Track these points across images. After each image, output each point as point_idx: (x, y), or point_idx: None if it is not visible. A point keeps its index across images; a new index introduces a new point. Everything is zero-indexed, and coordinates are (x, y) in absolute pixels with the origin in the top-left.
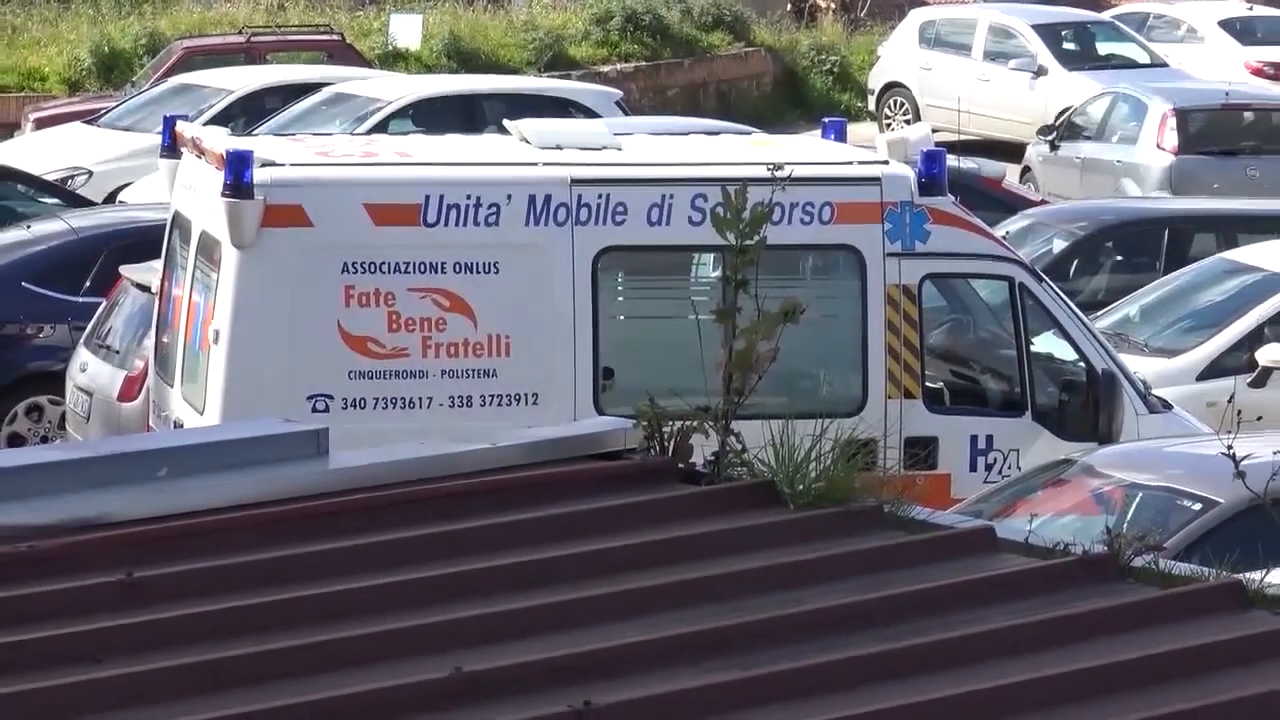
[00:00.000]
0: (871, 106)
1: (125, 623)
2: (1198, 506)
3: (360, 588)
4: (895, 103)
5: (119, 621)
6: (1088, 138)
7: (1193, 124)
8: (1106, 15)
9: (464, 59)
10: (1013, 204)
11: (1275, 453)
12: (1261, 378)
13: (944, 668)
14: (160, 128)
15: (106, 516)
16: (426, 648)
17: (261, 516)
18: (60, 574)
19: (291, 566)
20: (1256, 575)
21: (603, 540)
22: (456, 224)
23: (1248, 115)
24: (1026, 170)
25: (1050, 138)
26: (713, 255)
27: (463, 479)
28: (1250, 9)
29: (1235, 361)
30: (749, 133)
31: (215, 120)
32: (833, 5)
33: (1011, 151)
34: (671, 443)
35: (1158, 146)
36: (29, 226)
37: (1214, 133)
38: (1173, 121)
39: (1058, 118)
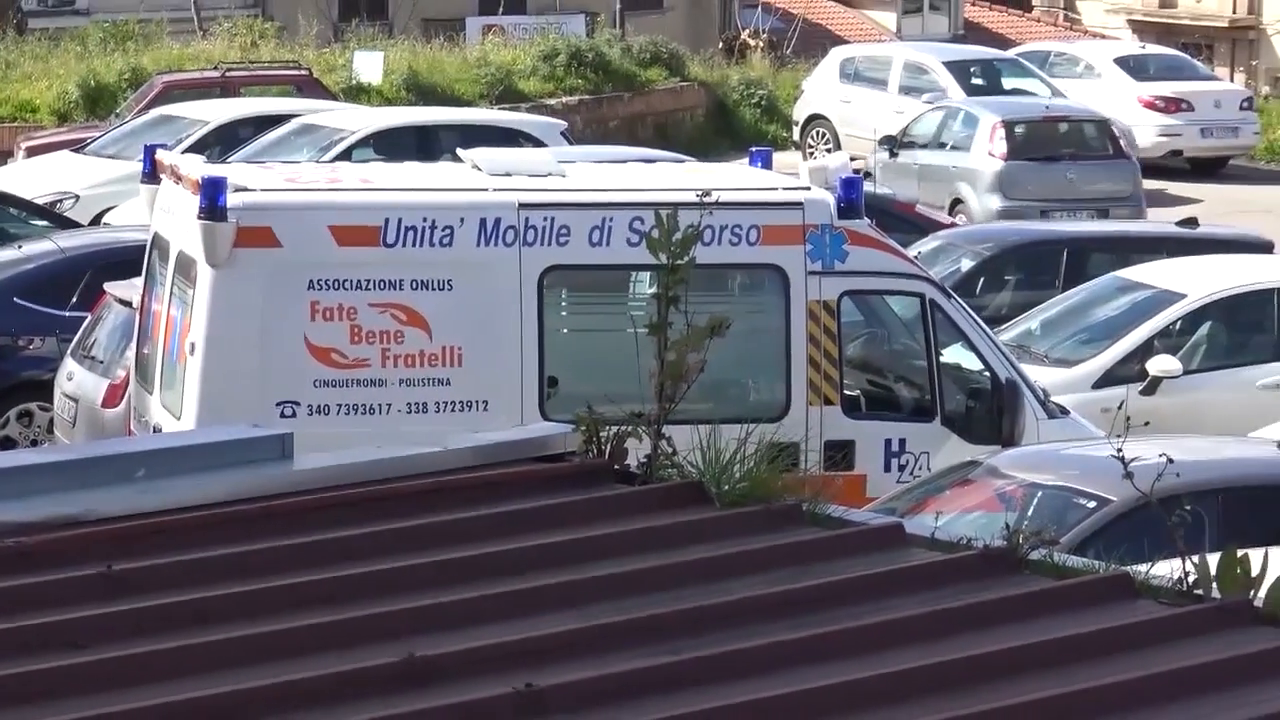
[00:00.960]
0: (796, 137)
1: (105, 611)
2: (1091, 504)
3: (321, 579)
4: (818, 133)
5: (100, 610)
6: (923, 146)
7: (1018, 134)
8: (1011, 53)
9: (421, 92)
10: (924, 226)
11: (1162, 455)
12: (1151, 386)
13: (856, 653)
14: (142, 156)
15: (90, 514)
16: (382, 634)
17: (231, 514)
18: (46, 567)
19: (258, 560)
20: (1143, 567)
21: (544, 536)
22: (413, 244)
23: (1064, 126)
24: (868, 175)
25: (890, 147)
26: (648, 273)
27: (417, 480)
28: (1143, 48)
29: (1127, 371)
30: (683, 161)
31: (192, 149)
32: (761, 43)
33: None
34: (608, 446)
35: (989, 154)
36: (20, 246)
37: (1036, 141)
38: (1001, 132)
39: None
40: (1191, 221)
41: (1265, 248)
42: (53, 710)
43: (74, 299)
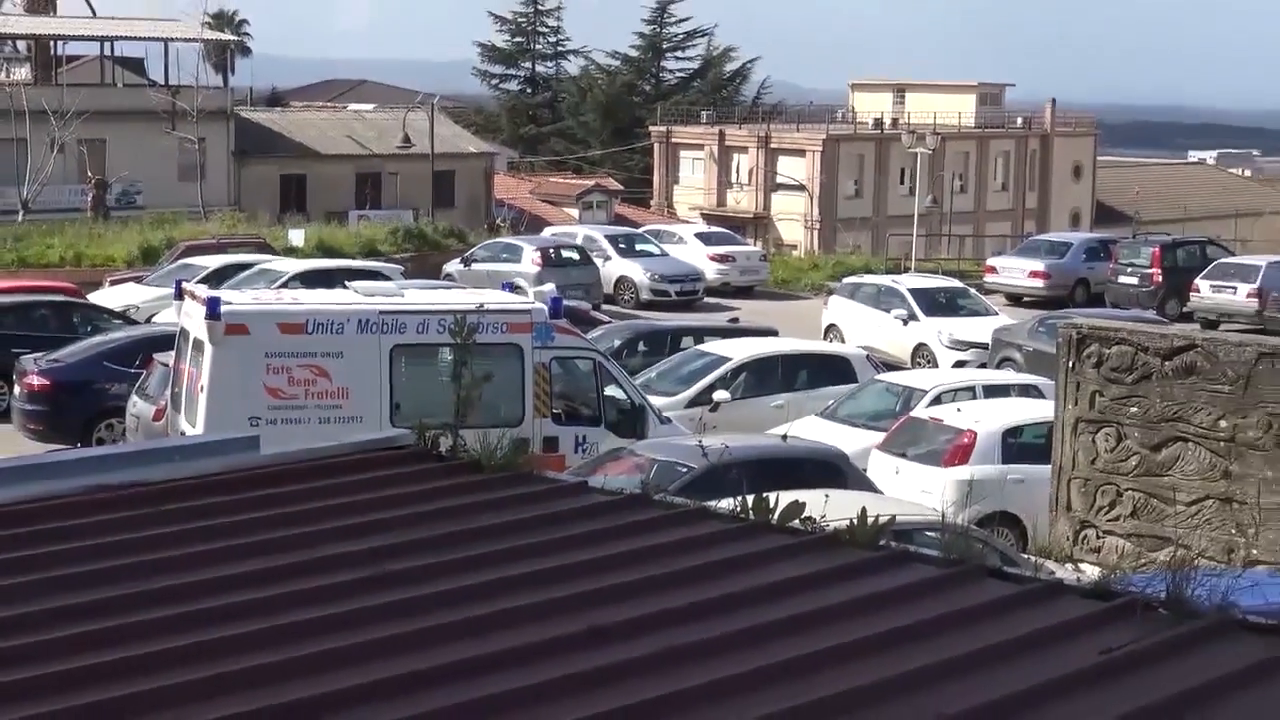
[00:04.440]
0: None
1: (156, 533)
2: (684, 470)
3: (275, 514)
4: None
5: (152, 533)
6: (483, 261)
7: (546, 253)
8: (640, 230)
9: (326, 251)
10: (595, 322)
11: (722, 443)
12: (715, 407)
13: (556, 553)
14: (173, 286)
15: (146, 480)
16: (302, 545)
17: (228, 479)
18: (121, 510)
19: (242, 504)
20: (713, 504)
21: (394, 490)
22: (323, 333)
23: (565, 250)
24: (449, 277)
25: (463, 261)
26: (450, 348)
27: (324, 459)
28: (709, 227)
29: (704, 399)
30: (466, 288)
31: (201, 281)
32: (505, 225)
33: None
34: (429, 441)
35: (532, 263)
36: (107, 334)
37: (555, 258)
38: (538, 253)
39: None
40: (735, 319)
41: (773, 333)
42: (126, 586)
43: (137, 362)
